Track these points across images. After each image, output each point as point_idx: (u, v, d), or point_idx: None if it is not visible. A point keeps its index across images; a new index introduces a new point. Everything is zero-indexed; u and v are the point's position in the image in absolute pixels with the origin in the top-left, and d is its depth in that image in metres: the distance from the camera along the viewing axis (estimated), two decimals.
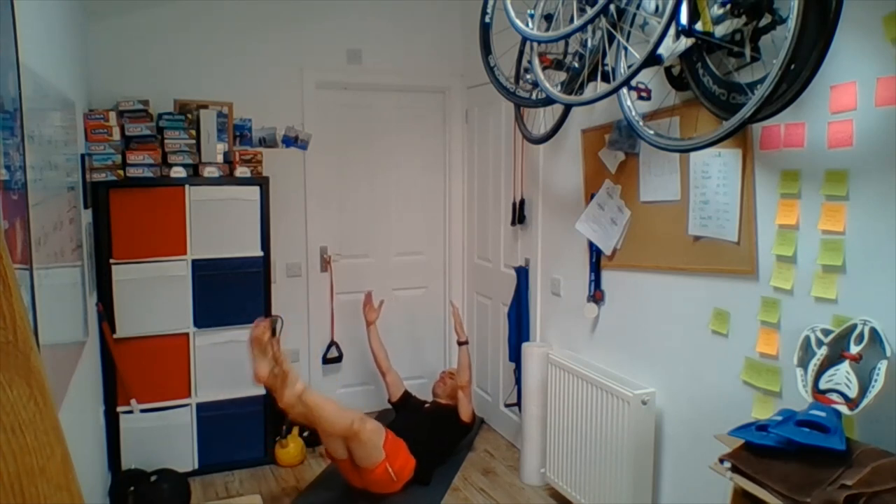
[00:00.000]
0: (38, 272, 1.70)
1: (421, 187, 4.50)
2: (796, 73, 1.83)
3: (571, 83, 2.61)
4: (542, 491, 3.46)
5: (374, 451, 3.19)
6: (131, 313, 3.39)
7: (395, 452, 3.30)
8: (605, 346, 3.12)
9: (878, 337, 1.80)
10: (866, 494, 1.57)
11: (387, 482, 3.26)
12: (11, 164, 1.48)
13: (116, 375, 3.38)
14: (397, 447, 3.33)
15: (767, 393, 2.24)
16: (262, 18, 3.96)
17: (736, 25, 1.97)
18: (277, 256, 3.99)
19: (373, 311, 4.05)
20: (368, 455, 3.18)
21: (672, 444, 2.74)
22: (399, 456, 3.31)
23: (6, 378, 0.79)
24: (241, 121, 3.93)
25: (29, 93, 1.72)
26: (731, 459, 1.85)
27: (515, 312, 3.75)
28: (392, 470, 3.24)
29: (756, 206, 2.25)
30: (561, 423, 3.17)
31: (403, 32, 4.30)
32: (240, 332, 3.64)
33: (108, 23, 3.65)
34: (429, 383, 4.65)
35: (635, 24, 2.27)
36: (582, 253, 3.21)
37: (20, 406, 0.79)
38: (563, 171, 3.36)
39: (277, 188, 3.84)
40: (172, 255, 3.46)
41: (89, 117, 3.22)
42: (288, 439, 3.76)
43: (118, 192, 3.34)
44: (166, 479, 3.24)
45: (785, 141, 2.12)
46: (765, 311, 2.24)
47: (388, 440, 3.28)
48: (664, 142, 2.27)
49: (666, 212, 2.66)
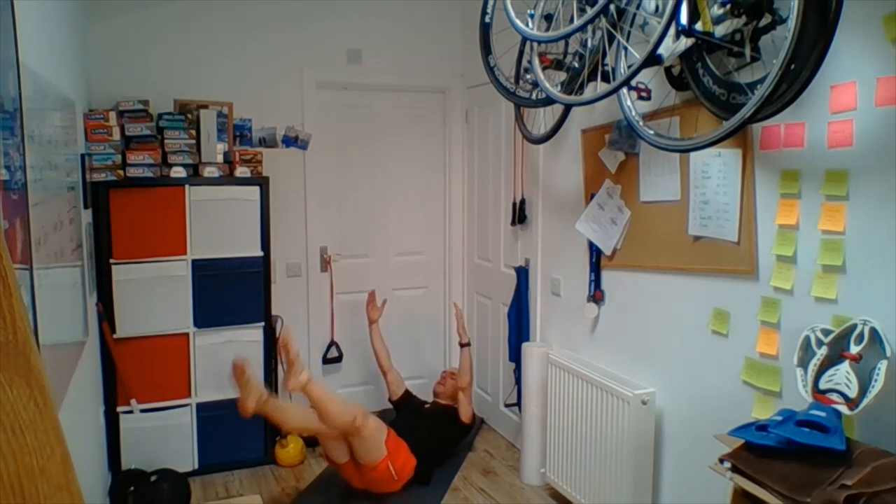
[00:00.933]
0: (38, 272, 1.70)
1: (421, 187, 4.50)
2: (796, 73, 1.83)
3: (571, 83, 2.61)
4: (542, 491, 3.46)
5: (376, 447, 3.19)
6: (131, 313, 3.39)
7: (397, 451, 3.30)
8: (605, 346, 3.12)
9: (878, 337, 1.80)
10: (866, 494, 1.57)
11: (388, 481, 3.26)
12: (11, 164, 1.48)
13: (116, 375, 3.38)
14: (398, 446, 3.33)
15: (767, 393, 2.24)
16: (262, 18, 3.96)
17: (736, 25, 1.97)
18: (277, 256, 3.99)
19: (376, 310, 4.04)
20: (370, 451, 3.18)
21: (672, 444, 2.74)
22: (400, 454, 3.32)
23: (6, 378, 0.79)
24: (241, 121, 3.93)
25: (29, 93, 1.72)
26: (731, 459, 1.85)
27: (515, 312, 3.75)
28: (394, 468, 3.24)
29: (756, 206, 2.25)
30: (561, 423, 3.17)
31: (403, 32, 4.30)
32: (240, 332, 3.65)
33: (108, 23, 3.65)
34: (429, 383, 4.65)
35: (635, 24, 2.27)
36: (582, 253, 3.21)
37: (20, 406, 0.79)
38: (563, 171, 3.36)
39: (277, 188, 3.84)
40: (172, 255, 3.46)
41: (89, 117, 3.22)
42: (288, 439, 3.76)
43: (118, 192, 3.34)
44: (166, 479, 3.24)
45: (785, 141, 2.12)
46: (765, 311, 2.24)
47: (390, 438, 3.28)
48: (664, 142, 2.27)
49: (666, 212, 2.66)
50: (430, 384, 4.66)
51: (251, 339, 3.68)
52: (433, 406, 3.93)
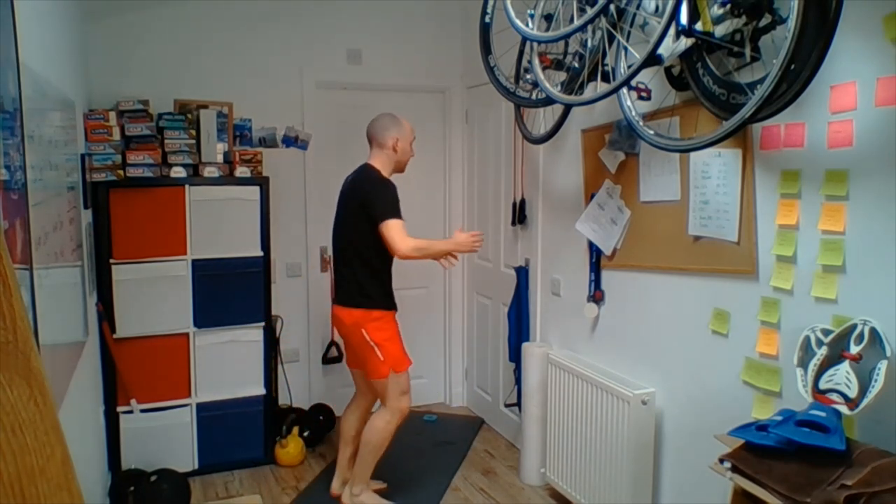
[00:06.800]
0: (38, 272, 1.70)
1: (421, 187, 4.49)
2: (796, 73, 1.83)
3: (571, 83, 2.61)
4: (542, 491, 3.46)
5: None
6: (131, 313, 3.39)
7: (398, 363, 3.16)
8: (605, 346, 3.12)
9: (878, 337, 1.80)
10: (866, 494, 1.57)
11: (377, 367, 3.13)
12: (11, 164, 1.48)
13: (116, 375, 3.38)
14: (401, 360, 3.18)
15: (767, 393, 2.24)
16: (262, 18, 3.96)
17: (736, 25, 1.97)
18: (277, 256, 3.99)
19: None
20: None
21: (672, 444, 2.74)
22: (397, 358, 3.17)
23: (6, 378, 0.78)
24: (241, 121, 3.93)
25: (29, 93, 1.72)
26: (731, 459, 1.85)
27: (515, 312, 3.75)
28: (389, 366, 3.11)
29: (756, 206, 2.25)
30: (561, 423, 3.17)
31: (403, 32, 4.30)
32: (240, 332, 3.65)
33: (108, 23, 3.65)
34: (429, 383, 4.66)
35: (635, 24, 2.27)
36: (582, 253, 3.21)
37: (20, 406, 0.79)
38: (563, 171, 3.36)
39: (277, 188, 3.84)
40: (172, 255, 3.46)
41: (89, 117, 3.22)
42: (288, 439, 3.76)
43: (118, 192, 3.34)
44: (166, 479, 3.24)
45: (785, 141, 2.12)
46: (765, 311, 2.24)
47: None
48: (664, 142, 2.27)
49: (666, 212, 2.66)
50: (429, 384, 4.67)
51: (251, 339, 3.67)
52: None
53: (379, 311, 3.13)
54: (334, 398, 4.14)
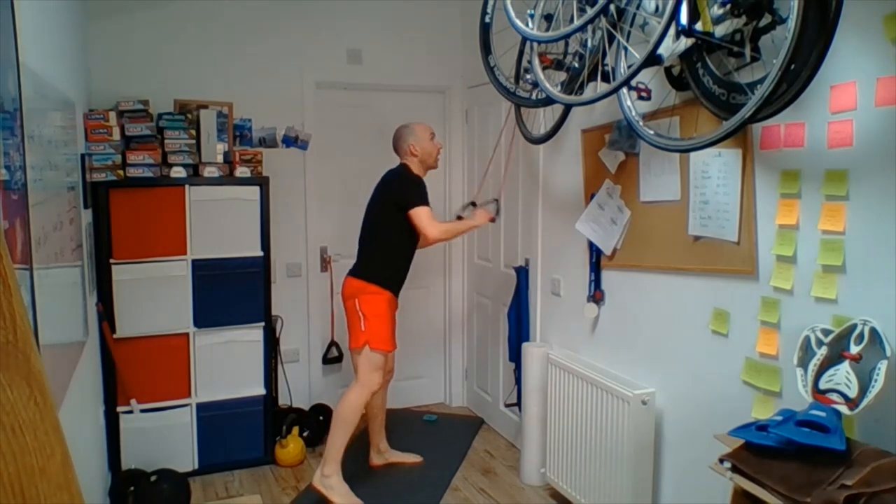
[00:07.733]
0: (38, 272, 1.70)
1: None
2: (796, 73, 1.83)
3: (571, 83, 2.61)
4: (542, 491, 3.46)
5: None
6: (131, 313, 3.39)
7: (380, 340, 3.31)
8: (605, 346, 3.12)
9: (878, 337, 1.80)
10: (866, 494, 1.57)
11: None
12: (11, 164, 1.48)
13: (116, 375, 3.38)
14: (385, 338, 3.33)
15: (767, 393, 2.24)
16: (262, 19, 3.96)
17: (736, 25, 1.97)
18: (277, 256, 3.99)
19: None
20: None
21: (672, 444, 2.74)
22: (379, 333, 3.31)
23: (6, 378, 0.78)
24: (241, 121, 3.93)
25: (29, 93, 1.72)
26: (732, 459, 1.85)
27: (515, 312, 3.75)
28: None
29: (756, 206, 2.25)
30: (561, 423, 3.17)
31: (403, 32, 4.30)
32: (240, 332, 3.65)
33: (108, 23, 3.65)
34: (428, 383, 4.66)
35: (635, 24, 2.27)
36: (582, 253, 3.21)
37: (20, 406, 0.79)
38: (563, 171, 3.36)
39: (277, 188, 3.84)
40: (172, 255, 3.46)
41: (89, 117, 3.22)
42: (288, 439, 3.76)
43: (118, 192, 3.34)
44: (166, 479, 3.24)
45: (785, 141, 2.12)
46: (765, 311, 2.24)
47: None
48: (664, 142, 2.27)
49: (666, 212, 2.66)
50: (430, 384, 4.67)
51: (251, 339, 3.68)
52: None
53: (376, 286, 3.30)
54: (334, 398, 4.13)
